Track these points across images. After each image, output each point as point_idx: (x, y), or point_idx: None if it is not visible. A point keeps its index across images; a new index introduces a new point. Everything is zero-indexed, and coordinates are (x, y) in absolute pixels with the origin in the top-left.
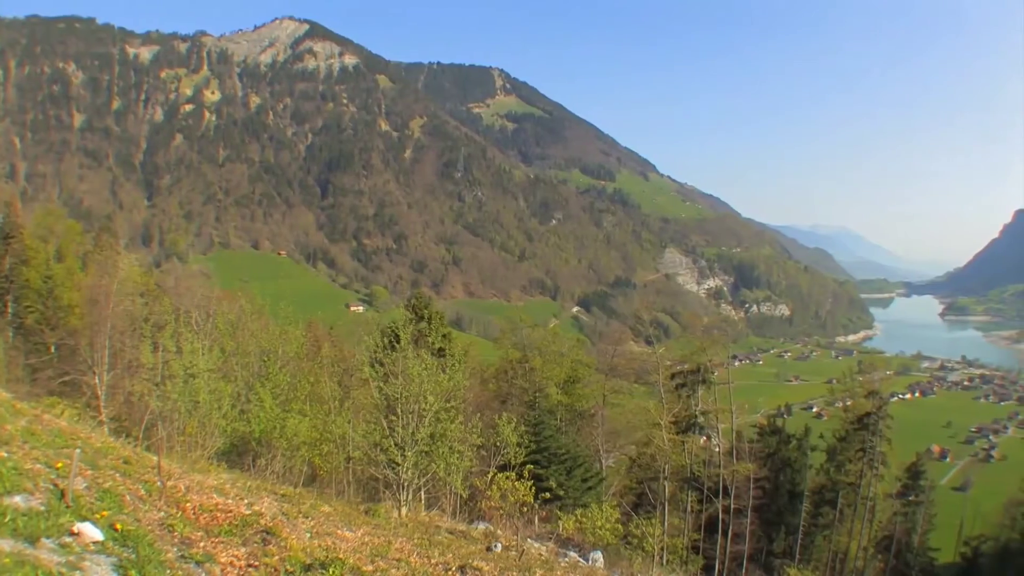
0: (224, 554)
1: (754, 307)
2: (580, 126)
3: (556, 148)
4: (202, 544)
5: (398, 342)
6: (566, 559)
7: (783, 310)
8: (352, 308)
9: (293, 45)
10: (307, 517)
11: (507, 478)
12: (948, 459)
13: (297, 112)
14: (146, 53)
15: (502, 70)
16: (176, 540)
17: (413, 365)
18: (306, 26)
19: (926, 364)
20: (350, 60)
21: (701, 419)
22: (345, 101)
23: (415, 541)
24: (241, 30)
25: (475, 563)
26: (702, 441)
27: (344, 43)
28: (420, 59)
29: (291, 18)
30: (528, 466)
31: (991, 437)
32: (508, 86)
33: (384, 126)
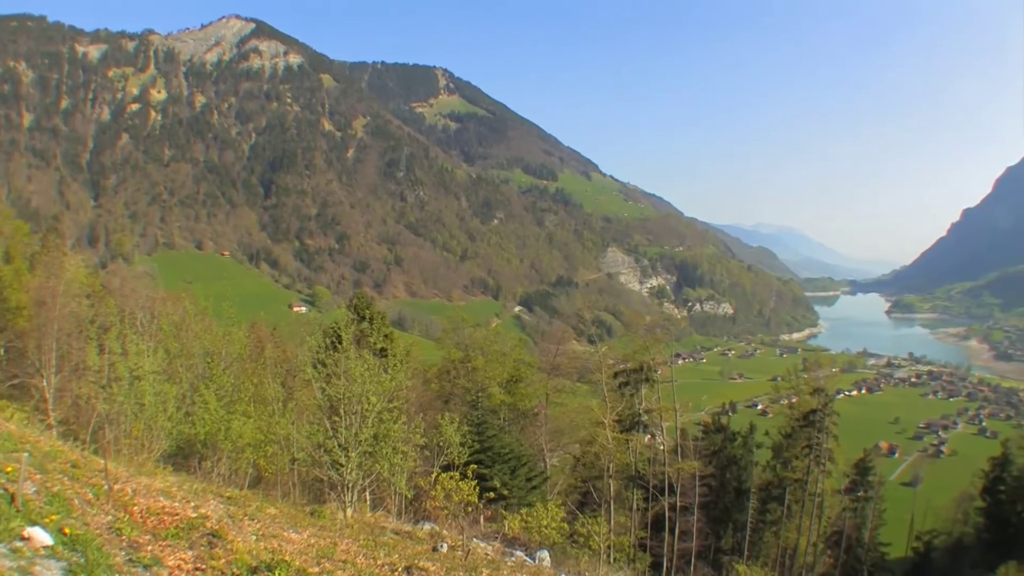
0: (171, 558)
1: (697, 306)
2: (523, 126)
3: (499, 148)
4: (149, 548)
5: (340, 343)
6: (512, 558)
7: (726, 309)
8: (295, 308)
9: (239, 44)
10: (253, 519)
11: (451, 478)
12: (897, 455)
13: (241, 111)
14: (95, 52)
15: (446, 70)
16: (124, 544)
17: (355, 366)
18: (252, 25)
19: (872, 361)
20: (295, 59)
21: (645, 417)
22: (289, 101)
23: (361, 542)
24: (188, 29)
25: (421, 564)
26: (646, 439)
27: (289, 42)
28: (365, 58)
29: (237, 17)
30: (472, 466)
31: (940, 433)
32: (452, 86)
33: (327, 126)
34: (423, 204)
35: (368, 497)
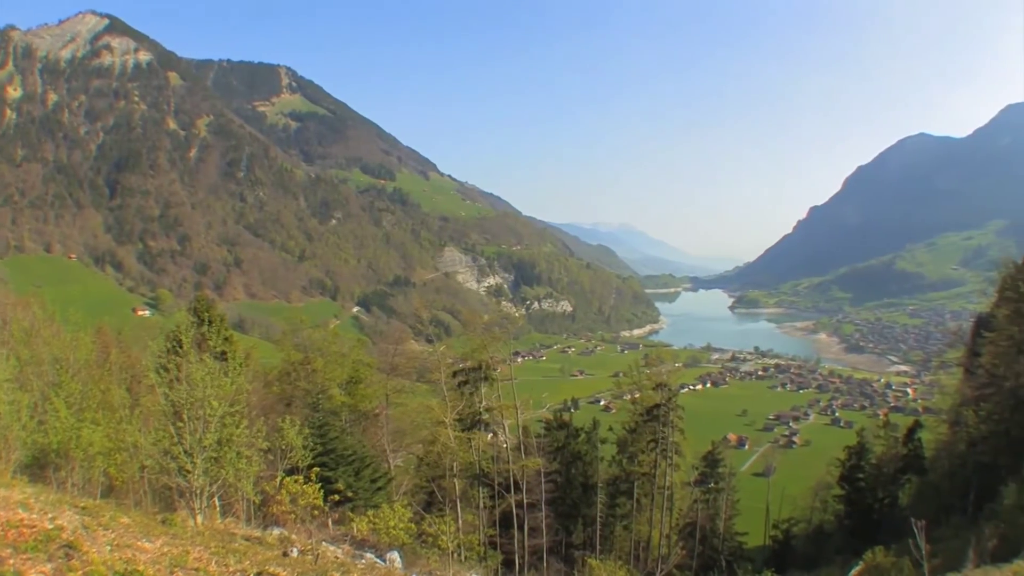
0: (32, 570)
1: (535, 304)
2: (363, 125)
3: (338, 147)
4: (11, 561)
5: (181, 347)
6: (363, 561)
7: (565, 306)
8: (139, 312)
9: (92, 41)
10: (107, 529)
11: (296, 481)
12: (747, 447)
13: (91, 110)
14: None
15: (289, 68)
16: None
17: (196, 370)
18: (106, 21)
19: (716, 356)
20: (144, 57)
21: (486, 416)
22: (136, 99)
23: (212, 549)
24: (46, 24)
25: (272, 569)
26: (489, 437)
27: (140, 39)
28: (215, 55)
29: (93, 12)
30: (315, 469)
31: (791, 424)
32: (294, 84)
33: (172, 125)
34: (262, 204)
35: (217, 503)
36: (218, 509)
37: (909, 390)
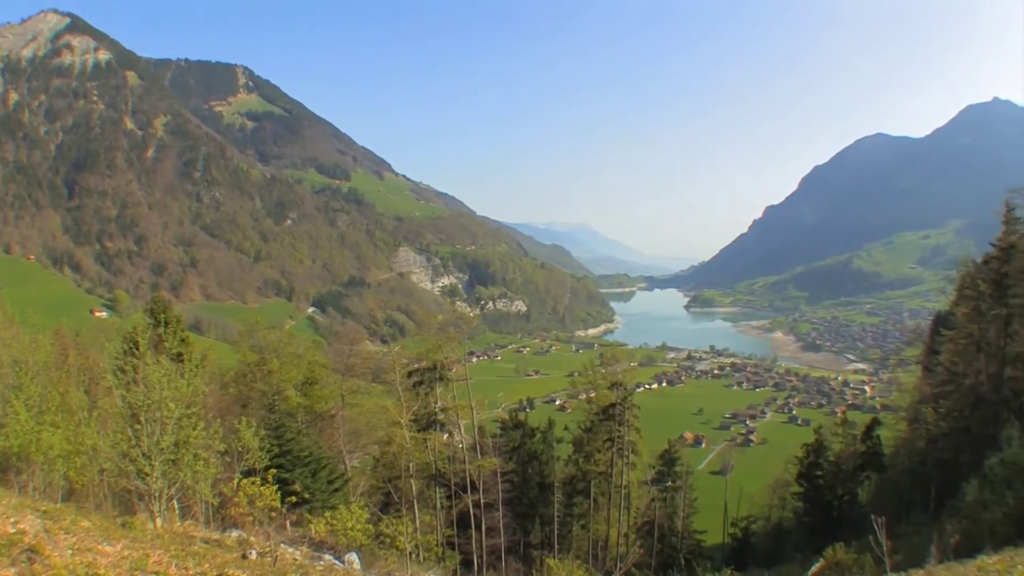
0: None
1: (490, 304)
2: (318, 125)
3: (294, 147)
4: None
5: (137, 348)
6: (321, 562)
7: (520, 306)
8: (96, 313)
9: (53, 39)
10: (68, 533)
11: (253, 483)
12: (703, 445)
13: (51, 110)
14: None
15: (246, 68)
16: None
17: (152, 372)
18: (67, 19)
19: (672, 355)
20: (104, 56)
21: (441, 416)
22: (95, 99)
23: (172, 552)
24: (9, 23)
25: (231, 571)
26: (444, 438)
27: (100, 38)
28: (173, 55)
29: (55, 11)
30: (272, 470)
31: (748, 422)
32: (251, 84)
33: (129, 124)
34: (218, 205)
35: (176, 506)
36: (177, 512)
37: (867, 388)
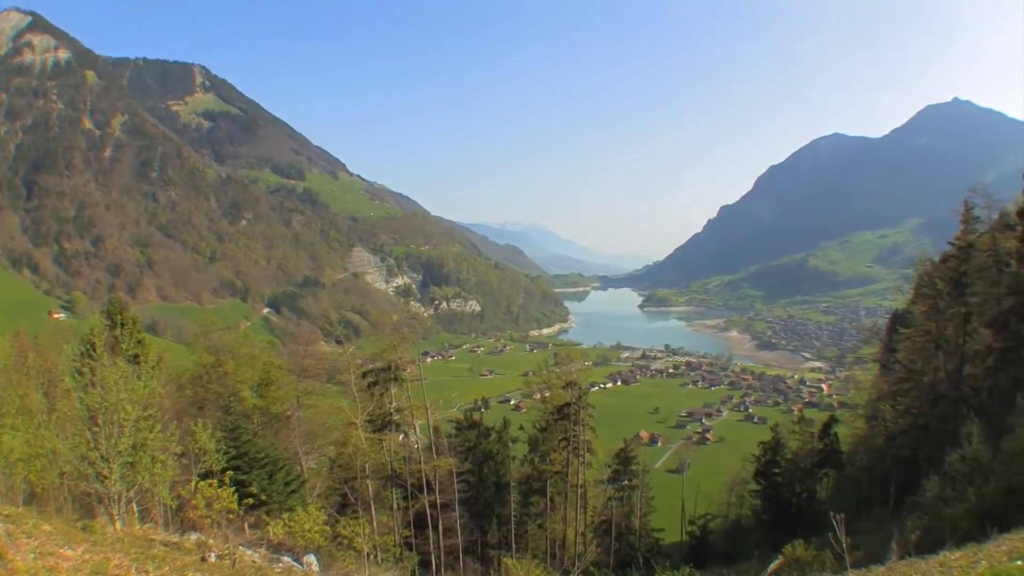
0: None
1: (444, 304)
2: (274, 124)
3: (249, 147)
4: None
5: (95, 350)
6: (280, 564)
7: (474, 306)
8: (54, 315)
9: (15, 38)
10: (30, 537)
11: (210, 485)
12: (659, 444)
13: (11, 109)
14: None
15: (203, 67)
16: None
17: (109, 374)
18: (29, 18)
19: (627, 354)
20: (64, 55)
21: (396, 416)
22: (55, 98)
23: (132, 556)
24: None
25: (191, 575)
26: (400, 438)
27: (61, 36)
28: (131, 54)
29: (17, 9)
30: (229, 472)
31: (704, 421)
32: (208, 83)
33: (88, 124)
34: (174, 205)
35: (135, 509)
36: (136, 514)
37: (823, 386)
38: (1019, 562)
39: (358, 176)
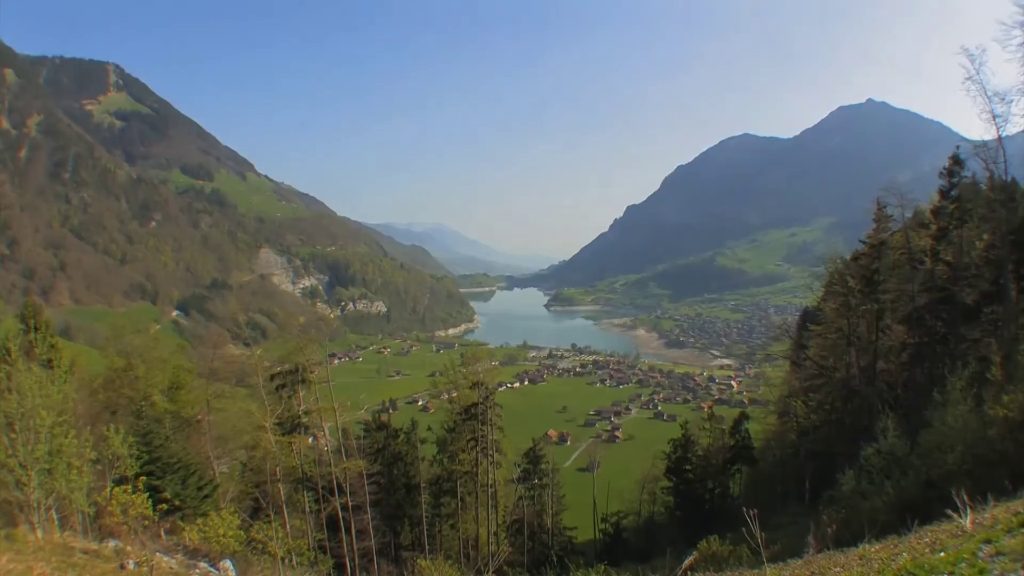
0: None
1: (350, 305)
2: (184, 124)
3: (159, 147)
4: None
5: (10, 355)
6: (197, 570)
7: (380, 307)
8: None
9: None
10: None
11: (125, 491)
12: (568, 442)
13: None
14: None
15: (118, 65)
16: None
17: (25, 379)
18: None
19: (534, 354)
20: None
21: (305, 419)
22: None
23: (53, 564)
24: None
25: None
26: (310, 441)
27: None
28: (49, 51)
29: None
30: (143, 477)
31: (613, 419)
32: (121, 82)
33: (5, 123)
34: (86, 206)
35: (55, 516)
36: (56, 522)
37: (733, 383)
38: (942, 554)
39: (266, 176)
